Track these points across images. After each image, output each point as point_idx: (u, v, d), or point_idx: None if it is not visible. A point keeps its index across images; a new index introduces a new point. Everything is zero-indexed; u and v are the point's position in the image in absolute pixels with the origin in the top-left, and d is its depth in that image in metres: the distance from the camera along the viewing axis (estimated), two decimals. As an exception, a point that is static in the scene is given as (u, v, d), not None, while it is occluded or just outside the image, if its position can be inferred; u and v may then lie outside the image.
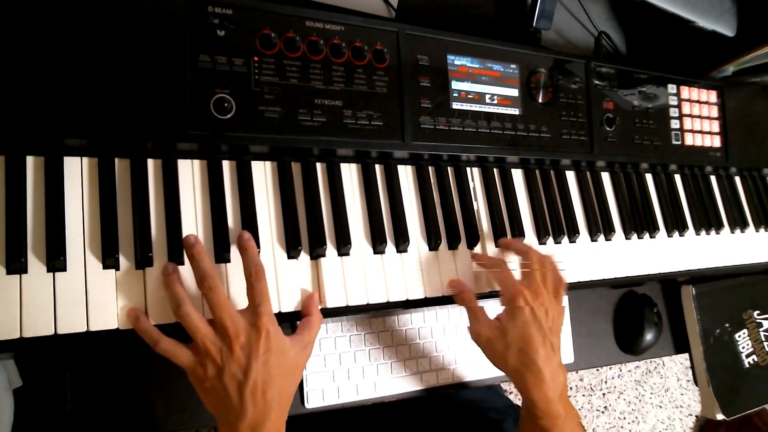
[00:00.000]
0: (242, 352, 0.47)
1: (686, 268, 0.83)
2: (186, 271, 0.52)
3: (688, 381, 2.20)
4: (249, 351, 0.48)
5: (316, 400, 0.65)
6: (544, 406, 0.58)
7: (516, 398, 1.83)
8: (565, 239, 0.74)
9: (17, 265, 0.46)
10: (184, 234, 0.53)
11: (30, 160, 0.49)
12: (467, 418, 0.85)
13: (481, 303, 0.63)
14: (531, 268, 0.62)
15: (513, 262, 0.65)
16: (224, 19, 0.55)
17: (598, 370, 2.03)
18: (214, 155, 0.56)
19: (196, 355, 0.48)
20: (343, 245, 0.59)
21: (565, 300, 0.65)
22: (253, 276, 0.50)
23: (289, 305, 0.56)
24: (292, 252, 0.57)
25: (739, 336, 0.92)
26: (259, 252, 0.55)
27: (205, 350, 0.47)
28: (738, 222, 0.92)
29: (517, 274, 0.63)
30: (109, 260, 0.49)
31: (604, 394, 2.02)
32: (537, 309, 0.59)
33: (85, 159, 0.51)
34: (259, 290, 0.50)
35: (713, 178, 0.93)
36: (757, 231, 0.94)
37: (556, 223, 0.73)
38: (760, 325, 0.94)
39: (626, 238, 0.79)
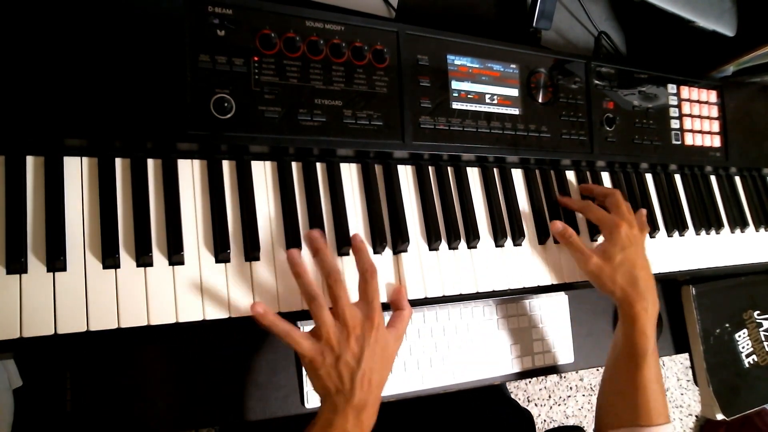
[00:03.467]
0: (357, 342, 0.52)
1: (686, 268, 0.83)
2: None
3: (688, 381, 2.20)
4: (362, 342, 0.52)
5: (316, 400, 0.65)
6: (643, 323, 0.65)
7: (515, 398, 1.83)
8: (565, 239, 0.74)
9: (17, 265, 0.46)
10: (184, 233, 0.53)
11: (30, 160, 0.49)
12: (474, 410, 0.85)
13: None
14: (618, 202, 0.71)
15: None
16: (224, 19, 0.55)
17: (598, 370, 2.03)
18: (214, 155, 0.56)
19: (318, 344, 0.52)
20: (343, 245, 0.59)
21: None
22: (368, 274, 0.55)
23: (289, 305, 0.56)
24: (292, 252, 0.57)
25: (739, 336, 0.92)
26: (258, 251, 0.55)
27: (327, 340, 0.52)
28: (738, 222, 0.92)
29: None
30: (109, 260, 0.49)
31: (604, 394, 2.02)
32: (633, 235, 0.69)
33: (85, 159, 0.51)
34: (373, 287, 0.55)
35: (713, 178, 0.93)
36: (757, 231, 0.94)
37: (556, 223, 0.73)
38: (760, 325, 0.94)
39: (626, 238, 0.79)
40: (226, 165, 0.57)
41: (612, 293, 0.68)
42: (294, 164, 0.60)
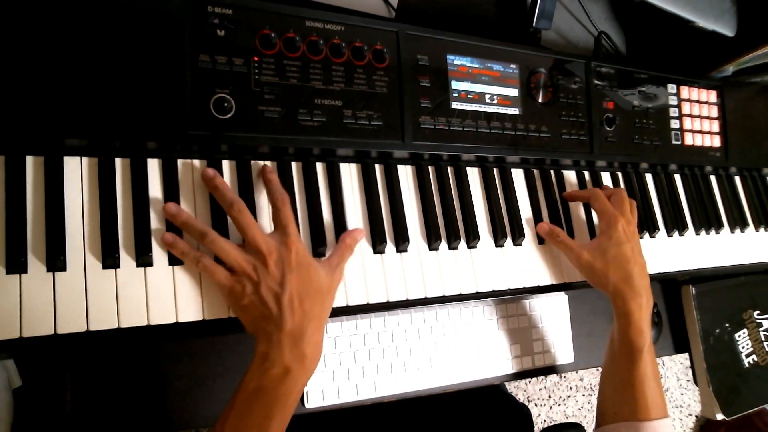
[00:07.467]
0: (276, 267, 0.50)
1: (686, 268, 0.83)
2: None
3: (688, 381, 2.20)
4: (282, 265, 0.50)
5: (316, 400, 0.65)
6: (638, 320, 0.64)
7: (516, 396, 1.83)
8: (565, 239, 0.74)
9: (17, 265, 0.46)
10: (184, 233, 0.53)
11: (30, 160, 0.49)
12: (473, 408, 0.85)
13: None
14: (622, 199, 0.71)
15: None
16: (224, 19, 0.55)
17: (597, 370, 2.03)
18: (214, 155, 0.56)
19: (233, 275, 0.50)
20: (343, 245, 0.59)
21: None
22: (279, 201, 0.53)
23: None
24: (292, 252, 0.57)
25: (739, 336, 0.92)
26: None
27: (241, 269, 0.50)
28: (738, 222, 0.92)
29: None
30: (109, 260, 0.49)
31: (604, 394, 2.02)
32: (630, 232, 0.68)
33: (85, 159, 0.51)
34: (285, 213, 0.53)
35: (713, 178, 0.93)
36: (757, 231, 0.94)
37: (556, 223, 0.73)
38: (760, 325, 0.94)
39: (626, 238, 0.79)
40: (226, 165, 0.57)
41: (605, 288, 0.67)
42: (294, 164, 0.60)
